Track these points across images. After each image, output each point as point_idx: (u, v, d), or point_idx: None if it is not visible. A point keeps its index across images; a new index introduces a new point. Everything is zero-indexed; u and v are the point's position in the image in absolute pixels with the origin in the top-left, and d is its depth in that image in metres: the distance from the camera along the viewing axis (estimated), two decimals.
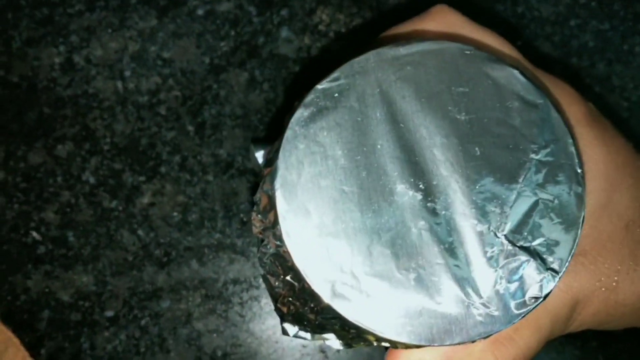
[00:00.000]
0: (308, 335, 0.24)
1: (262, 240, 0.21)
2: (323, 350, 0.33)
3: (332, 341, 0.23)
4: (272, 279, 0.22)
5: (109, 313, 0.32)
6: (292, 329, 0.24)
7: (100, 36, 0.33)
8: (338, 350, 0.33)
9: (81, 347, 0.32)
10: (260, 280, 0.33)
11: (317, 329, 0.22)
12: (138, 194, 0.33)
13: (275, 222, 0.20)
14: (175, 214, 0.33)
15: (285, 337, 0.33)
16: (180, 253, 0.33)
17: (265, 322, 0.33)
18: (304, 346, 0.33)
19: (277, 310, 0.23)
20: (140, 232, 0.33)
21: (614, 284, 0.23)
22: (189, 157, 0.33)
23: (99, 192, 0.33)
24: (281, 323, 0.24)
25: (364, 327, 0.19)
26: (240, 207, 0.33)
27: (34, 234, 0.32)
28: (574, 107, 0.23)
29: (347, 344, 0.23)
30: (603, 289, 0.23)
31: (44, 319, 0.32)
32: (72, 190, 0.33)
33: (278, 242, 0.20)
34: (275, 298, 0.23)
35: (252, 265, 0.33)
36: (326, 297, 0.19)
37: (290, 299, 0.22)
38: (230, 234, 0.33)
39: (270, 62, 0.34)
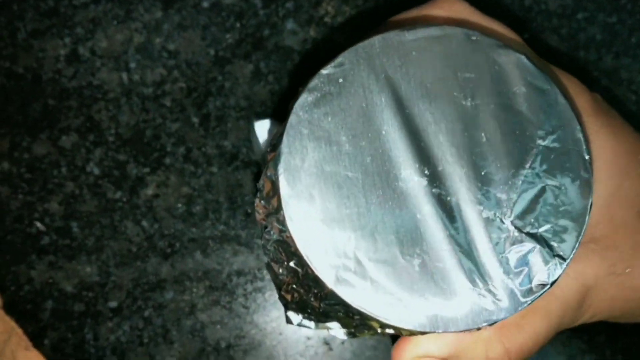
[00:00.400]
0: (312, 324, 0.23)
1: (266, 227, 0.21)
2: (327, 342, 0.33)
3: (336, 330, 0.23)
4: (275, 267, 0.22)
5: (113, 304, 0.32)
6: (295, 317, 0.23)
7: (106, 28, 0.33)
8: (342, 342, 0.33)
9: (84, 337, 0.32)
10: (265, 272, 0.33)
11: (321, 317, 0.22)
12: (142, 185, 0.33)
13: (279, 207, 0.19)
14: (179, 205, 0.33)
15: (289, 329, 0.33)
16: (184, 244, 0.33)
17: (270, 314, 0.33)
18: (308, 338, 0.33)
19: (281, 298, 0.23)
20: (144, 223, 0.33)
21: (628, 269, 0.22)
22: (194, 148, 0.33)
23: (103, 183, 0.33)
24: (285, 312, 0.24)
25: (367, 313, 0.19)
26: (244, 199, 0.33)
27: (38, 224, 0.32)
28: (580, 98, 0.23)
29: (351, 333, 0.23)
30: (617, 274, 0.22)
31: (48, 309, 0.32)
32: (76, 181, 0.33)
33: (281, 227, 0.20)
34: (279, 286, 0.23)
35: (256, 257, 0.33)
36: (330, 283, 0.19)
37: (294, 286, 0.21)
38: (235, 226, 0.33)
39: (276, 54, 0.34)
